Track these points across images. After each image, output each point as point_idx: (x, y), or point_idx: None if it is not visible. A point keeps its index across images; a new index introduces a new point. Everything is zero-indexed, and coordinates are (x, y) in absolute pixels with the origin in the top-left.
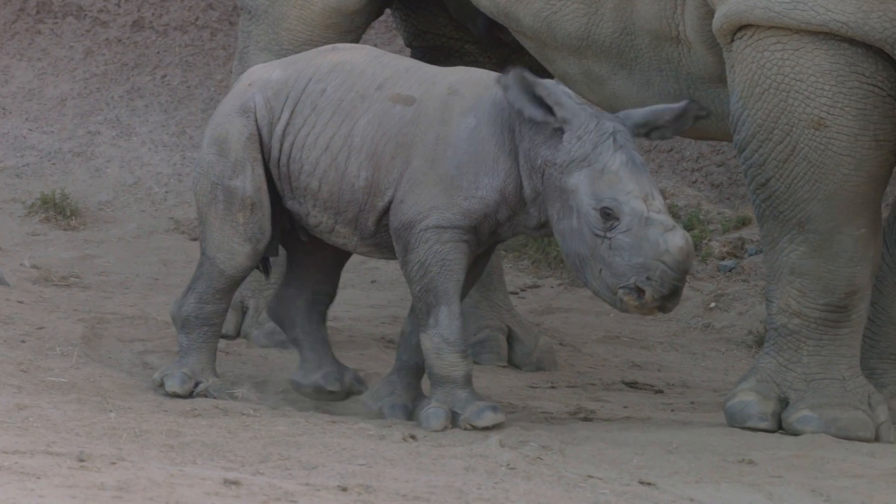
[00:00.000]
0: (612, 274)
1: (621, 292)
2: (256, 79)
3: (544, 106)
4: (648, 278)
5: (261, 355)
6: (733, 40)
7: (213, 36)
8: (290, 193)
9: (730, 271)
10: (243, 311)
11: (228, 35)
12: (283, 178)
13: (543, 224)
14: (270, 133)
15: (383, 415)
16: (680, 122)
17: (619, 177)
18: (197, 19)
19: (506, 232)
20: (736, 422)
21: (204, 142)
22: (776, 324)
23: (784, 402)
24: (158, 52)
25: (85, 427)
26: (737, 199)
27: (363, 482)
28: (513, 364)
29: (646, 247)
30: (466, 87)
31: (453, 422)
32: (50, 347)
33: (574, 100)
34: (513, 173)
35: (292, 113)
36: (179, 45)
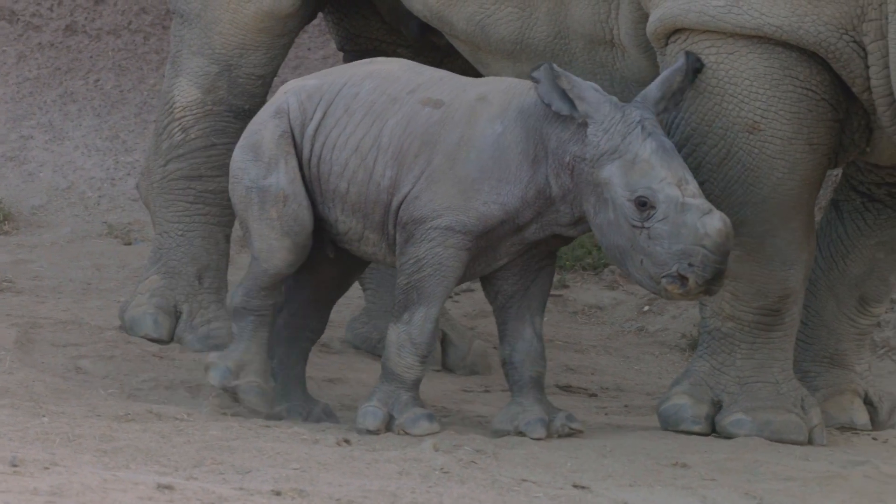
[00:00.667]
0: (654, 263)
1: (665, 281)
2: (292, 87)
3: (569, 100)
4: (690, 265)
5: (194, 359)
6: (667, 44)
7: (146, 40)
8: (320, 198)
9: None
10: (177, 316)
11: (161, 39)
12: (314, 180)
13: (578, 220)
14: (302, 133)
15: (521, 432)
16: (687, 78)
17: (651, 164)
18: (130, 23)
19: (534, 233)
20: (669, 425)
21: (236, 152)
22: (710, 327)
23: (717, 406)
24: (91, 57)
25: (18, 432)
26: None
27: (297, 486)
28: (447, 368)
29: (685, 233)
30: (495, 95)
31: (388, 425)
32: None
33: (598, 93)
34: (535, 179)
35: (325, 114)
36: (112, 49)
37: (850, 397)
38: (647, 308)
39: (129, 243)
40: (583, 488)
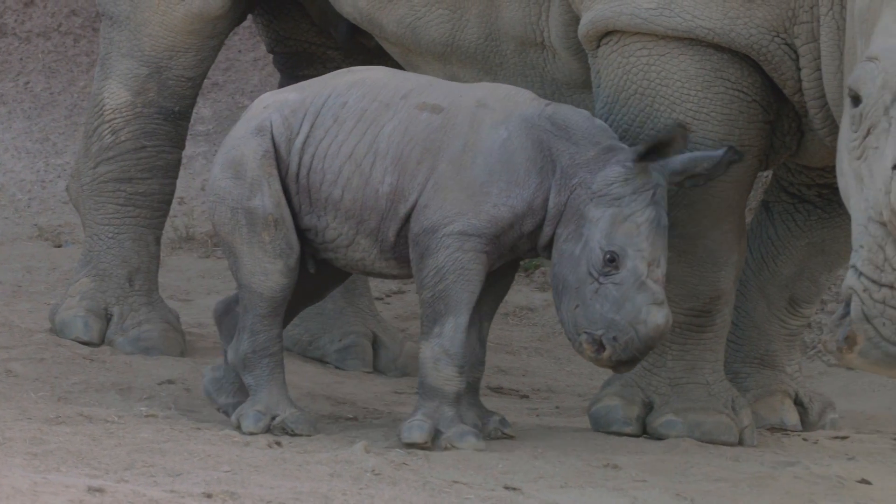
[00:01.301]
0: (585, 316)
1: (584, 337)
2: (272, 101)
3: (650, 153)
4: (615, 338)
5: (125, 362)
6: (599, 46)
7: (76, 42)
8: (308, 208)
9: None
10: (108, 318)
11: (92, 41)
12: (303, 192)
13: (550, 244)
14: (289, 148)
15: (453, 446)
16: (716, 168)
17: (639, 231)
18: (60, 25)
19: (524, 245)
20: (601, 426)
21: (215, 168)
22: None
23: (648, 407)
24: (21, 59)
25: None
26: None
27: (228, 489)
28: (378, 370)
29: (627, 308)
30: (496, 102)
31: (434, 440)
32: None
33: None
34: (542, 188)
35: (312, 126)
36: (42, 51)
37: (780, 398)
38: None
39: (60, 245)
40: (514, 490)
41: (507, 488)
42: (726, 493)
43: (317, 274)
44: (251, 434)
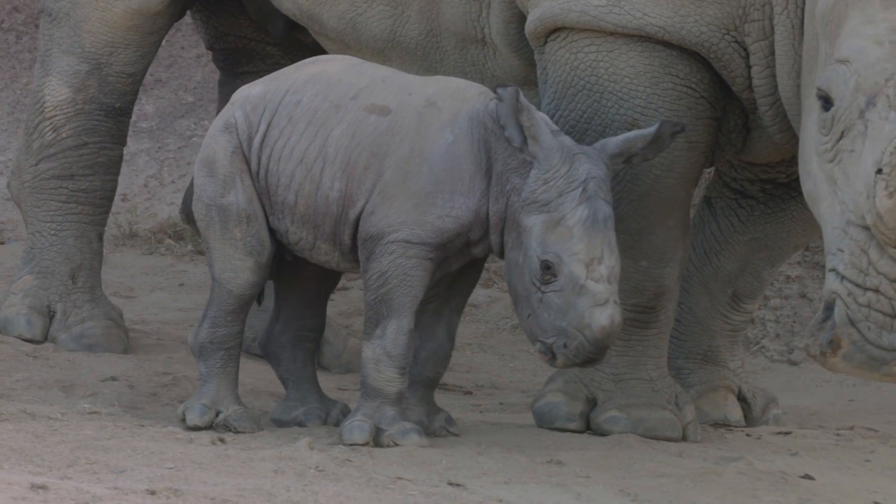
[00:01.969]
0: (537, 325)
1: (538, 346)
2: (238, 97)
3: (523, 133)
4: (565, 345)
5: (68, 359)
6: (546, 42)
7: (18, 39)
8: (270, 209)
9: None
10: (51, 316)
11: (34, 38)
12: (263, 193)
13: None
14: (250, 146)
15: (396, 443)
16: (657, 143)
17: (571, 234)
18: (2, 22)
19: (480, 251)
20: (544, 422)
21: (195, 166)
22: None
23: (592, 403)
24: None
25: None
26: None
27: (172, 485)
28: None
29: (571, 314)
30: (444, 100)
31: (376, 438)
32: None
33: (554, 137)
34: (487, 193)
35: (269, 125)
36: None
37: (723, 394)
38: None
39: (2, 242)
40: (458, 486)
41: (450, 484)
42: (670, 489)
43: (302, 284)
44: (195, 427)
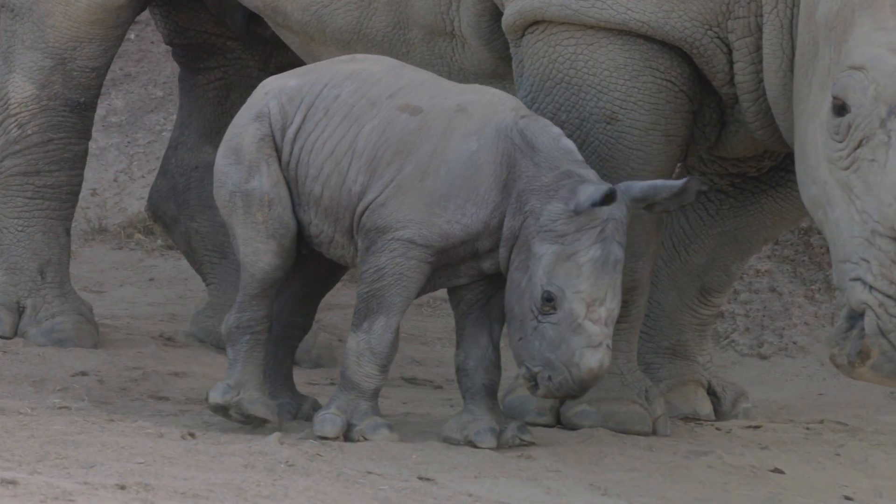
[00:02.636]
0: (526, 350)
1: (523, 371)
2: (272, 87)
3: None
4: (549, 378)
5: (38, 354)
6: (523, 36)
7: None
8: (297, 200)
9: None
10: (20, 311)
11: None
12: (292, 184)
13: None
14: (283, 137)
15: (472, 443)
16: (680, 198)
17: (579, 272)
18: None
19: (489, 266)
20: (515, 416)
21: (218, 154)
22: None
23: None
24: None
25: None
26: None
27: (141, 480)
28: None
29: (562, 349)
30: (476, 108)
31: (346, 433)
32: None
33: (596, 182)
34: (501, 207)
35: (305, 117)
36: None
37: (693, 388)
38: None
39: None
40: (428, 480)
41: (421, 479)
42: (640, 483)
43: (323, 262)
44: (215, 406)
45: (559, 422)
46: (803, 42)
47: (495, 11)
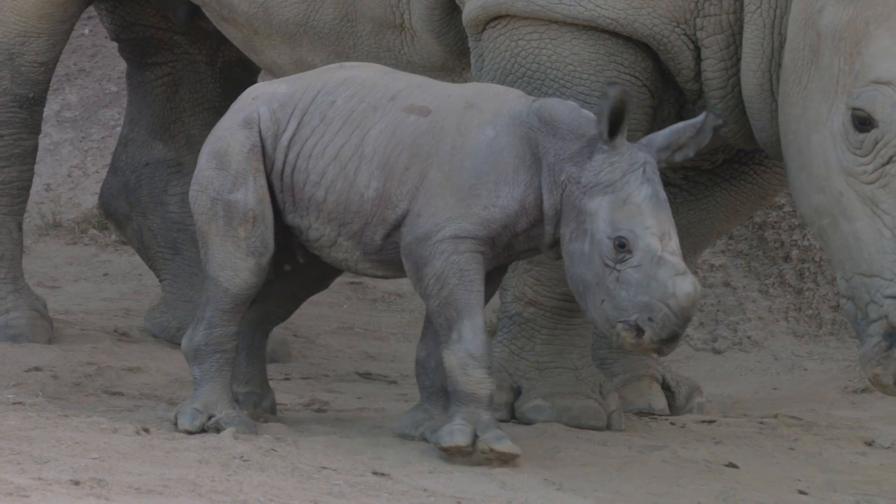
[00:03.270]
0: (615, 307)
1: (620, 326)
2: (261, 93)
3: (613, 126)
4: (650, 319)
5: None
6: (485, 30)
7: None
8: (291, 206)
9: None
10: None
11: None
12: (286, 190)
13: (555, 243)
14: (275, 144)
15: (425, 439)
16: (700, 136)
17: (640, 210)
18: None
19: (521, 244)
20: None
21: (201, 157)
22: (511, 312)
23: (517, 392)
24: None
25: None
26: None
27: (96, 476)
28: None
29: (653, 286)
30: (484, 101)
31: (473, 443)
32: None
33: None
34: (533, 184)
35: (299, 124)
36: None
37: (647, 382)
38: None
39: None
40: (382, 475)
41: (375, 474)
42: (594, 478)
43: (318, 264)
44: (186, 432)
45: (514, 417)
46: (796, 46)
47: (448, 5)
